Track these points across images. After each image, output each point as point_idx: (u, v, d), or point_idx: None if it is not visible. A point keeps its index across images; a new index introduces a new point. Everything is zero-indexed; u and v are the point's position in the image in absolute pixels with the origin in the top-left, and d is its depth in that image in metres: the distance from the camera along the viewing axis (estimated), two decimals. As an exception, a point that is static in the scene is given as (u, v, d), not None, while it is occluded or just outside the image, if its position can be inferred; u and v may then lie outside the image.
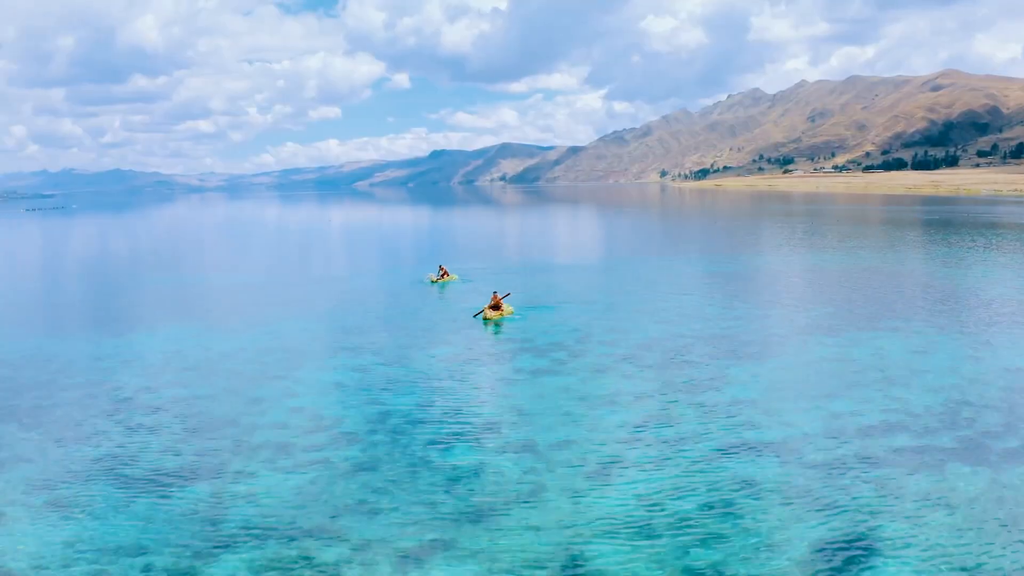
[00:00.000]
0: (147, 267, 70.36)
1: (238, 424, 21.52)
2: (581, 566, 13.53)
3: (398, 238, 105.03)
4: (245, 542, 14.62)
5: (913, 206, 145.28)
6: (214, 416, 22.28)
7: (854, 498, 15.96)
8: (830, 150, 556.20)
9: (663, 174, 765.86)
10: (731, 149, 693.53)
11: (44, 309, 44.87)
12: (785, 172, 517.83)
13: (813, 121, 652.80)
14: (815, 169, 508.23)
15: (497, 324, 34.95)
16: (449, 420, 21.60)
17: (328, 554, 14.08)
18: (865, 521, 14.94)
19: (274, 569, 13.64)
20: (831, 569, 13.32)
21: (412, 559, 13.86)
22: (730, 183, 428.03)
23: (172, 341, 32.82)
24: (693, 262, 59.78)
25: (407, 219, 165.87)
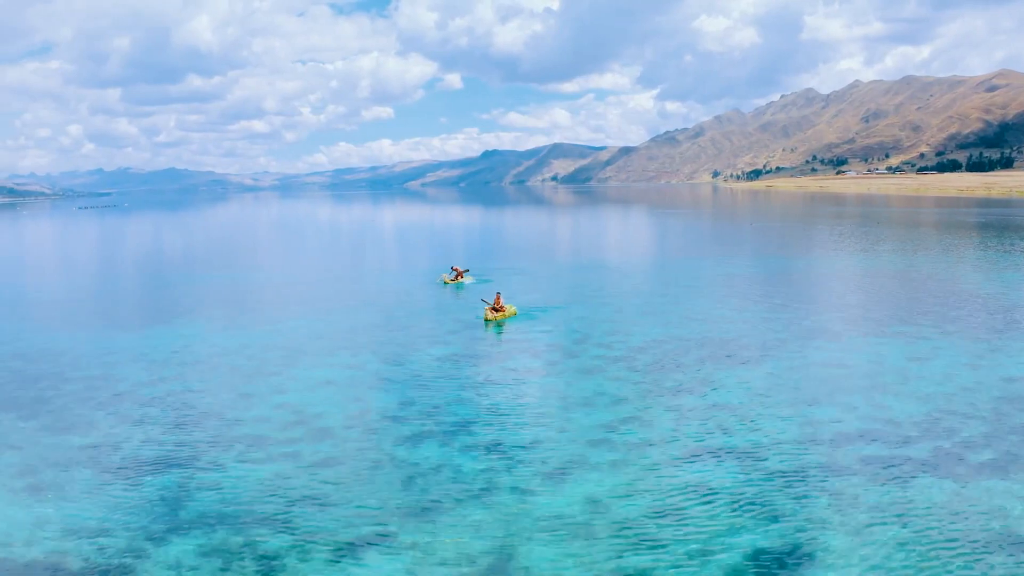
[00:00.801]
0: (178, 265, 72.65)
1: (222, 418, 22.27)
2: (508, 564, 13.75)
3: (432, 237, 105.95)
4: (197, 528, 15.22)
5: (962, 209, 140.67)
6: (201, 410, 23.09)
7: (804, 507, 15.79)
8: (884, 151, 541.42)
9: (715, 175, 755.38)
10: (784, 150, 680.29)
11: (71, 305, 46.81)
12: (838, 173, 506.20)
13: (867, 122, 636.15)
14: (869, 170, 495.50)
15: (499, 325, 35.23)
16: (423, 419, 21.98)
17: (270, 543, 14.58)
18: (808, 531, 14.79)
19: (216, 554, 14.20)
20: (758, 576, 13.30)
21: (348, 550, 14.27)
22: (781, 184, 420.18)
23: (182, 337, 33.99)
24: (717, 264, 59.08)
25: (449, 219, 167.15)
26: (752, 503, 16.04)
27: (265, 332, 34.74)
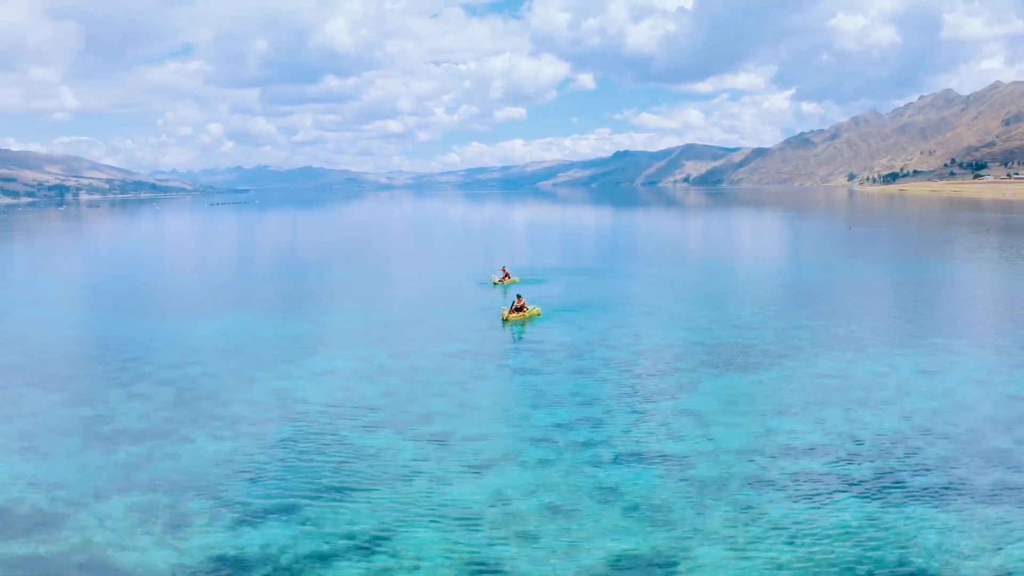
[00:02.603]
0: (268, 259, 77.77)
1: (216, 399, 24.38)
2: (382, 543, 14.62)
3: (528, 236, 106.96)
4: (138, 490, 17.10)
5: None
6: (202, 391, 25.38)
7: (700, 517, 15.56)
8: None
9: (851, 177, 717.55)
10: (921, 153, 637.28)
11: (149, 294, 51.56)
12: (976, 177, 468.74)
13: (1008, 124, 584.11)
14: (1009, 175, 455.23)
15: (520, 325, 35.87)
16: (393, 409, 23.16)
17: (189, 505, 16.23)
18: (688, 541, 14.59)
19: (139, 511, 15.99)
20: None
21: (252, 517, 15.63)
22: (915, 188, 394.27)
23: (229, 326, 37.02)
24: (785, 268, 56.98)
25: (561, 218, 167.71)
26: (651, 508, 16.06)
27: (303, 324, 37.23)
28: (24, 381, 26.67)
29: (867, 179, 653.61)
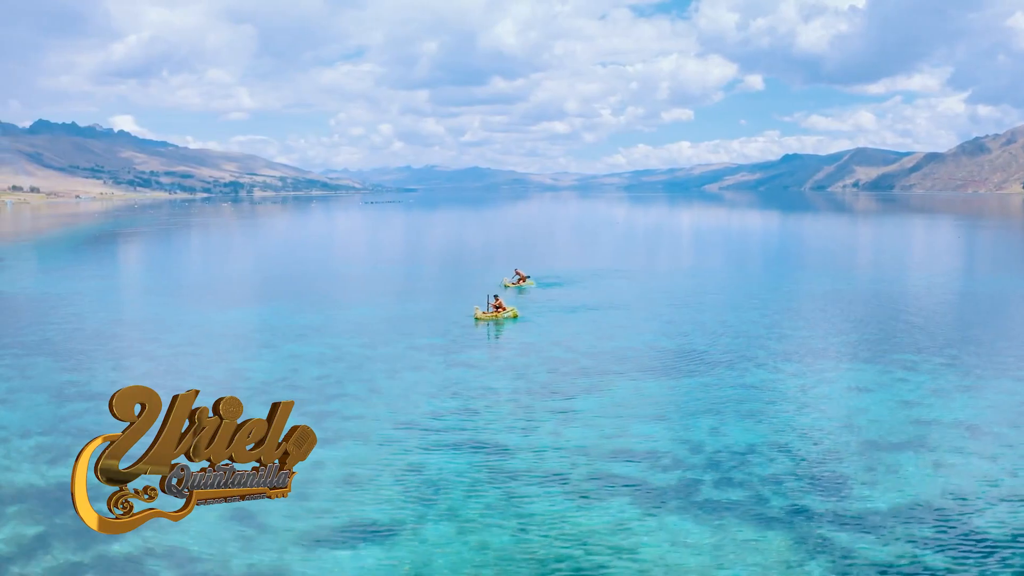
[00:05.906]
0: (353, 257, 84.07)
1: (188, 375, 28.17)
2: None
3: (614, 238, 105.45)
4: (54, 432, 21.36)
5: None
6: (179, 365, 29.59)
7: (463, 500, 17.00)
8: None
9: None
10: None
11: (223, 285, 58.34)
12: None
13: None
14: None
15: (499, 324, 37.21)
16: (310, 389, 25.93)
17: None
18: (427, 518, 16.21)
19: (39, 448, 19.92)
20: (349, 548, 15.56)
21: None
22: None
23: (255, 315, 41.94)
24: (830, 277, 54.06)
25: (680, 222, 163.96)
26: (433, 489, 17.52)
27: (310, 315, 40.94)
28: (39, 352, 31.90)
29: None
